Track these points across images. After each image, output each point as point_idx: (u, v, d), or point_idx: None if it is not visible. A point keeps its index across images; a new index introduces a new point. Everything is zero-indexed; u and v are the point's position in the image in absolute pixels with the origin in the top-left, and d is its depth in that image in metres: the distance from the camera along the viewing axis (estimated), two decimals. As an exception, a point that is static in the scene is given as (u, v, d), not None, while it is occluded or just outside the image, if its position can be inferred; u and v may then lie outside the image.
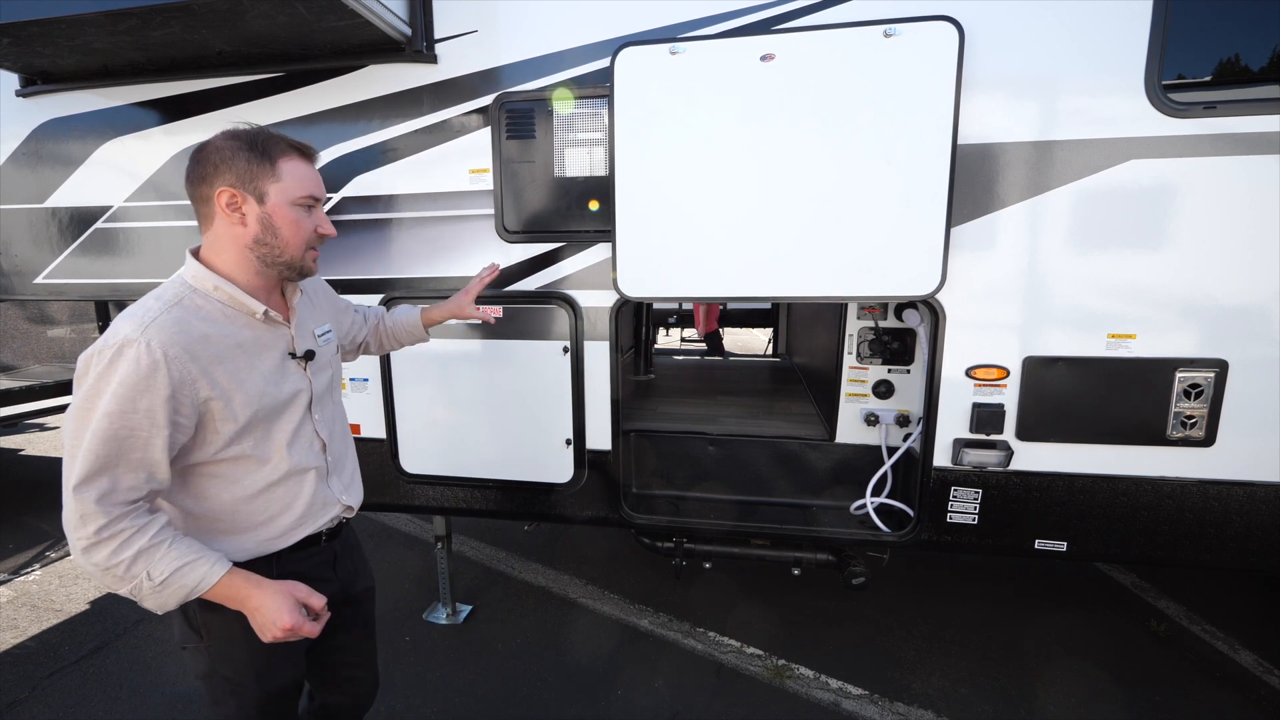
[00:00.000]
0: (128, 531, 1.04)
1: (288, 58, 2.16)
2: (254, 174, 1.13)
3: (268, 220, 1.15)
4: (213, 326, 1.13)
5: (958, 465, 2.03)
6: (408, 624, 2.84)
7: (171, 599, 1.08)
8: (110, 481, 1.03)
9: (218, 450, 1.14)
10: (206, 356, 1.10)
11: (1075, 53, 1.76)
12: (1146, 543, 2.02)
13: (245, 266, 1.18)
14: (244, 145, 1.14)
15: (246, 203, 1.14)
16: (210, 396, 1.10)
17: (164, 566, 1.05)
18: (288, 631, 1.13)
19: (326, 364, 1.36)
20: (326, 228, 1.25)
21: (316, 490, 1.30)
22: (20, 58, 2.14)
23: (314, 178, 1.22)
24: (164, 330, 1.05)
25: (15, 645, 2.71)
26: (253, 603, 1.13)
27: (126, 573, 1.04)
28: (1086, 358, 1.90)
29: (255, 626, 1.15)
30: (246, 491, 1.19)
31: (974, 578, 3.18)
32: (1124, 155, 1.78)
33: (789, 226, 1.90)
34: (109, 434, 1.02)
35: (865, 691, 2.41)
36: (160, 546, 1.06)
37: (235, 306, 1.17)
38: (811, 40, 1.80)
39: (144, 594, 1.06)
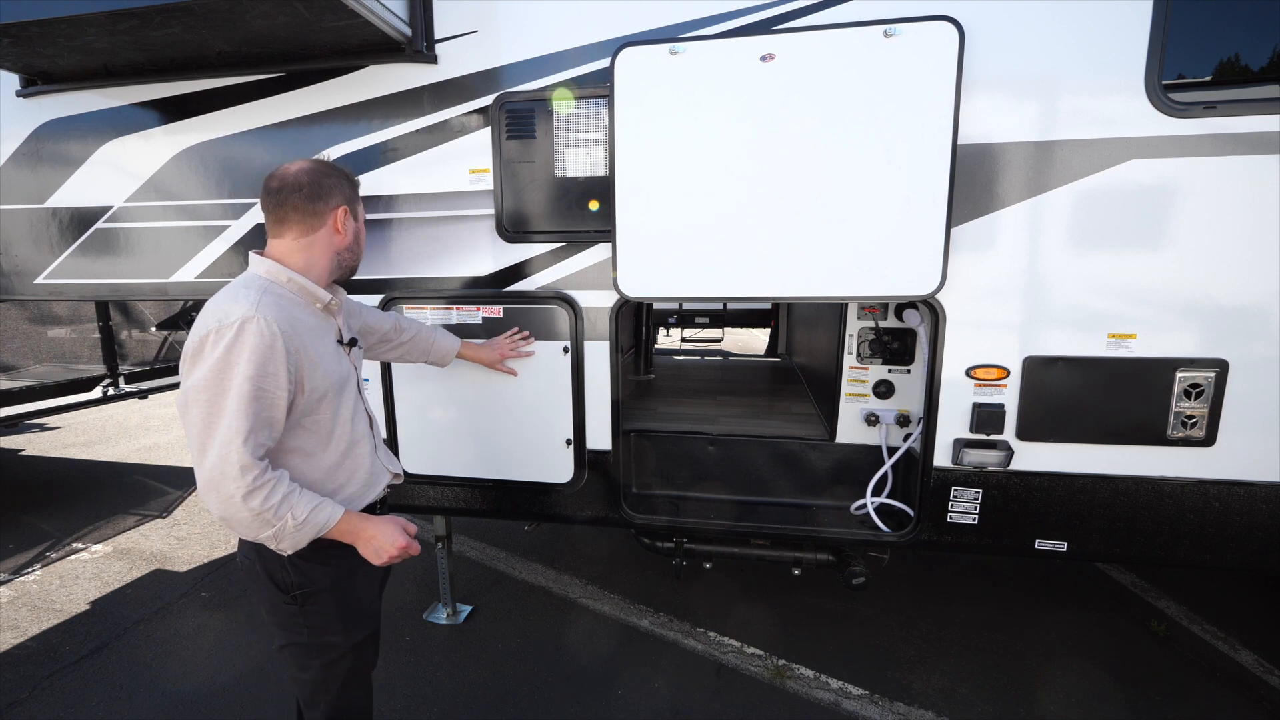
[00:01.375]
0: (273, 481, 1.22)
1: (288, 58, 2.16)
2: (353, 196, 1.46)
3: (358, 234, 1.48)
4: (295, 311, 1.33)
5: (958, 465, 2.03)
6: (408, 624, 2.84)
7: (306, 536, 1.27)
8: (257, 437, 1.21)
9: (301, 416, 1.32)
10: (299, 333, 1.30)
11: (1075, 53, 1.76)
12: (1147, 543, 2.02)
13: (324, 267, 1.42)
14: (344, 176, 1.44)
15: (348, 219, 1.43)
16: (303, 366, 1.29)
17: (302, 509, 1.25)
18: (402, 549, 1.38)
19: (360, 356, 1.60)
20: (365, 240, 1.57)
21: (372, 462, 1.50)
22: (21, 58, 2.14)
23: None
24: (271, 309, 1.25)
25: (15, 645, 2.71)
26: (369, 531, 1.35)
27: (275, 514, 1.22)
28: (1087, 358, 1.90)
29: (371, 553, 1.36)
30: (323, 464, 1.38)
31: (974, 578, 3.18)
32: (1124, 155, 1.78)
33: (789, 226, 1.90)
34: (253, 395, 1.20)
35: (865, 691, 2.41)
36: (295, 492, 1.26)
37: (304, 297, 1.38)
38: (812, 40, 1.80)
39: (285, 533, 1.24)
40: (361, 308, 1.82)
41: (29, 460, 5.17)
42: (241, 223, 2.33)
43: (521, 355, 2.19)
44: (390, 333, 1.90)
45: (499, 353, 2.16)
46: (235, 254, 2.36)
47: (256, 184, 2.30)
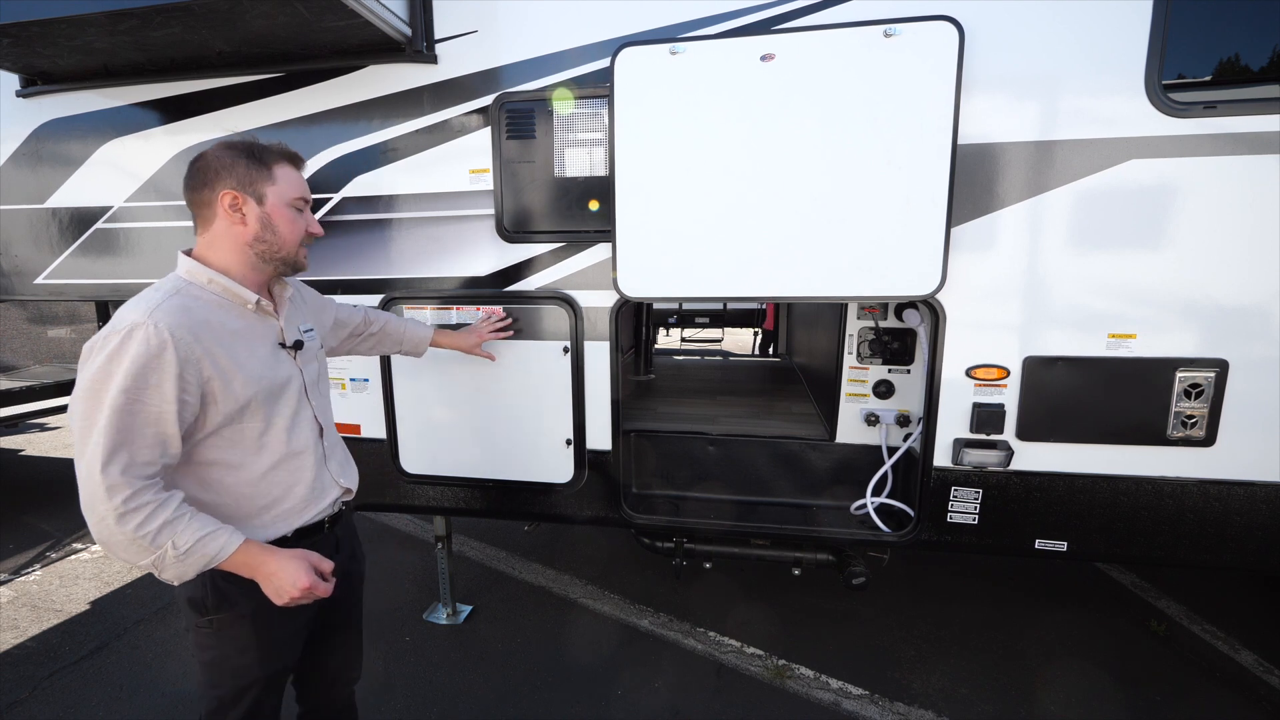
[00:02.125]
0: (152, 505, 1.11)
1: (288, 58, 2.16)
2: (253, 178, 1.26)
3: (267, 219, 1.28)
4: (210, 314, 1.23)
5: (958, 465, 2.03)
6: (408, 624, 2.84)
7: (192, 568, 1.15)
8: (130, 455, 1.10)
9: (218, 427, 1.22)
10: (208, 339, 1.19)
11: (1075, 52, 1.76)
12: (1147, 543, 2.01)
13: (242, 262, 1.29)
14: (243, 154, 1.26)
15: (247, 204, 1.26)
16: (212, 376, 1.18)
17: (187, 537, 1.13)
18: (305, 591, 1.22)
19: (313, 357, 1.47)
20: (315, 228, 1.38)
21: (316, 474, 1.39)
22: (21, 58, 2.14)
23: (303, 182, 1.36)
24: (169, 314, 1.15)
25: (15, 645, 2.71)
26: (269, 568, 1.21)
27: (153, 543, 1.10)
28: (1087, 358, 1.90)
29: (272, 591, 1.22)
30: (250, 476, 1.27)
31: (974, 577, 3.18)
32: (1124, 155, 1.78)
33: (789, 226, 1.90)
34: (126, 409, 1.09)
35: (865, 691, 2.41)
36: (183, 519, 1.14)
37: (229, 297, 1.27)
38: (811, 40, 1.80)
39: (166, 563, 1.13)
40: (328, 303, 1.73)
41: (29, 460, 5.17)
42: (241, 223, 2.33)
43: (501, 336, 2.16)
44: (360, 325, 1.85)
45: (477, 336, 2.12)
46: (235, 254, 2.36)
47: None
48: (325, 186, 2.25)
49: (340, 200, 2.25)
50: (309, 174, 2.24)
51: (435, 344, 2.07)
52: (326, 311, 1.70)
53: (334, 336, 1.76)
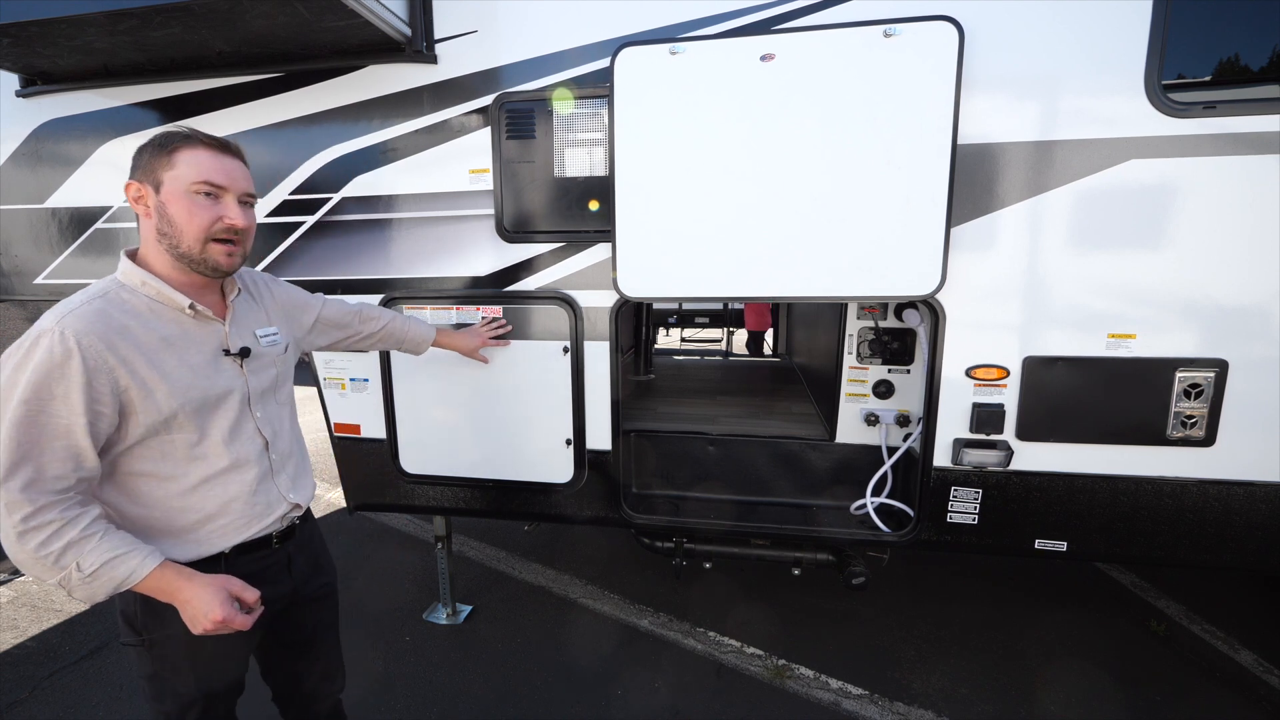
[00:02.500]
0: (57, 523, 1.04)
1: (288, 58, 2.16)
2: (153, 165, 1.16)
3: (162, 208, 1.15)
4: (136, 320, 1.14)
5: (958, 465, 2.03)
6: (408, 624, 2.84)
7: (100, 591, 1.09)
8: (34, 470, 1.04)
9: (140, 439, 1.14)
10: (125, 347, 1.11)
11: (1075, 52, 1.76)
12: (1146, 542, 2.02)
13: (164, 260, 1.19)
14: (151, 141, 1.17)
15: (146, 193, 1.16)
16: (129, 386, 1.11)
17: (94, 559, 1.06)
18: (218, 624, 1.13)
19: (268, 364, 1.36)
20: (233, 217, 1.19)
21: (259, 490, 1.30)
22: (20, 58, 2.14)
23: (217, 166, 1.18)
24: (81, 320, 1.08)
25: (15, 645, 2.71)
26: (183, 595, 1.13)
27: (56, 563, 1.05)
28: (1087, 358, 1.90)
29: (186, 619, 1.14)
30: (180, 488, 1.20)
31: (974, 577, 3.18)
32: (1124, 155, 1.78)
33: (789, 226, 1.90)
34: (27, 421, 1.03)
35: (865, 691, 2.41)
36: (91, 539, 1.07)
37: (162, 301, 1.19)
38: (811, 40, 1.80)
39: (73, 585, 1.07)
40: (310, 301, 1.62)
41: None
42: (241, 223, 2.33)
43: (500, 344, 2.19)
44: (355, 323, 1.77)
45: (479, 339, 2.14)
46: (235, 254, 2.36)
47: (256, 184, 2.29)
48: (325, 186, 2.25)
49: (340, 200, 2.25)
50: (309, 174, 2.24)
51: (437, 344, 2.07)
52: (307, 311, 1.59)
53: (322, 336, 1.67)
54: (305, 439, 1.53)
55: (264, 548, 1.34)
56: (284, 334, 1.44)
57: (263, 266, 2.35)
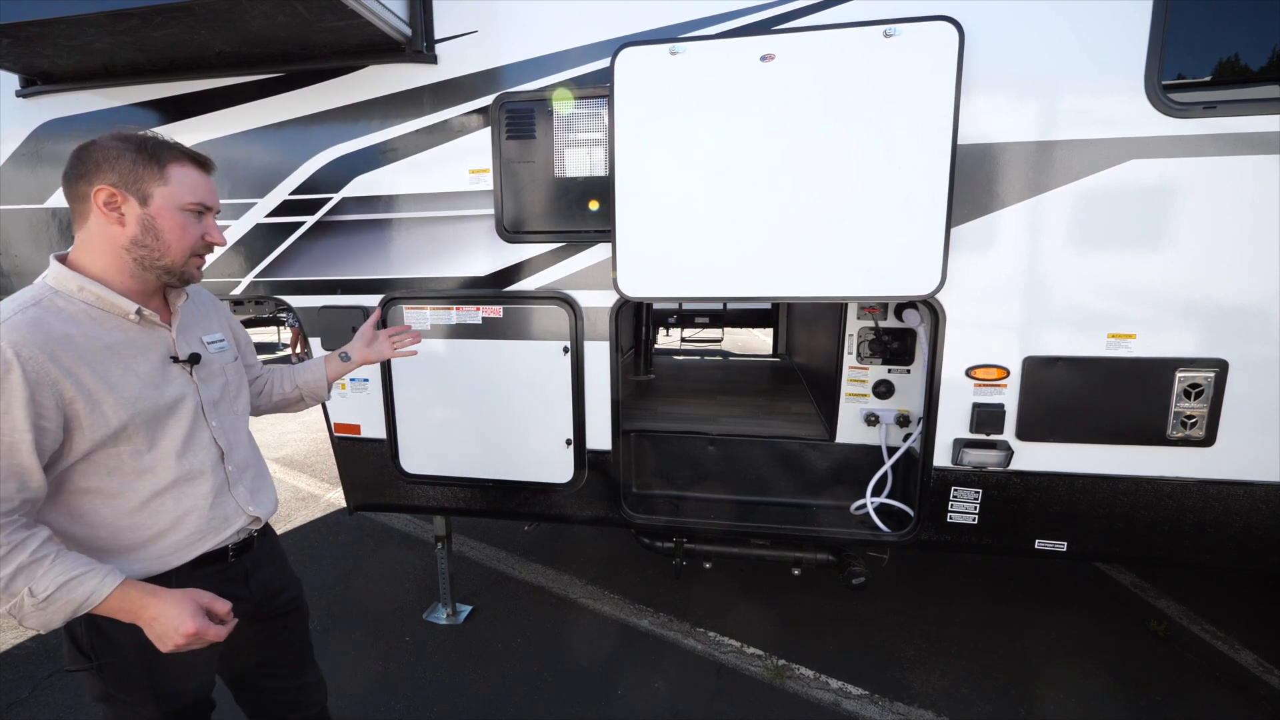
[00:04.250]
0: (3, 547, 0.97)
1: (288, 58, 2.16)
2: (139, 175, 1.11)
3: (150, 222, 1.12)
4: (76, 327, 1.08)
5: (958, 465, 2.03)
6: (408, 624, 2.84)
7: (57, 616, 1.02)
8: None
9: (87, 453, 1.08)
10: (68, 357, 1.04)
11: (1075, 53, 1.76)
12: (1146, 542, 2.02)
13: (118, 268, 1.14)
14: (132, 147, 1.11)
15: (127, 203, 1.11)
16: (75, 398, 1.04)
17: (47, 582, 0.99)
18: (191, 637, 1.06)
19: (218, 372, 1.30)
20: (215, 236, 1.21)
21: (215, 503, 1.24)
22: (20, 58, 2.14)
23: (206, 186, 1.20)
24: (17, 330, 1.01)
25: (15, 645, 2.71)
26: (150, 612, 1.06)
27: (4, 590, 0.98)
28: (1087, 358, 1.90)
29: (154, 637, 1.07)
30: (129, 505, 1.13)
31: (974, 578, 3.18)
32: (1124, 155, 1.79)
33: (789, 226, 1.91)
34: None
35: (865, 691, 2.41)
36: (43, 561, 1.00)
37: (104, 307, 1.12)
38: (811, 40, 1.81)
39: (25, 612, 1.00)
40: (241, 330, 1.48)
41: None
42: (241, 223, 2.33)
43: (404, 354, 1.72)
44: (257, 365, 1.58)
45: (385, 350, 1.67)
46: (234, 254, 2.36)
47: (256, 184, 2.30)
48: (325, 186, 2.25)
49: (340, 200, 2.25)
50: (309, 174, 2.24)
51: (336, 375, 1.64)
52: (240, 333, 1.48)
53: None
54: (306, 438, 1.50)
55: (219, 561, 1.27)
56: (230, 344, 1.38)
57: (263, 266, 2.35)
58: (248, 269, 2.36)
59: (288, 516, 3.98)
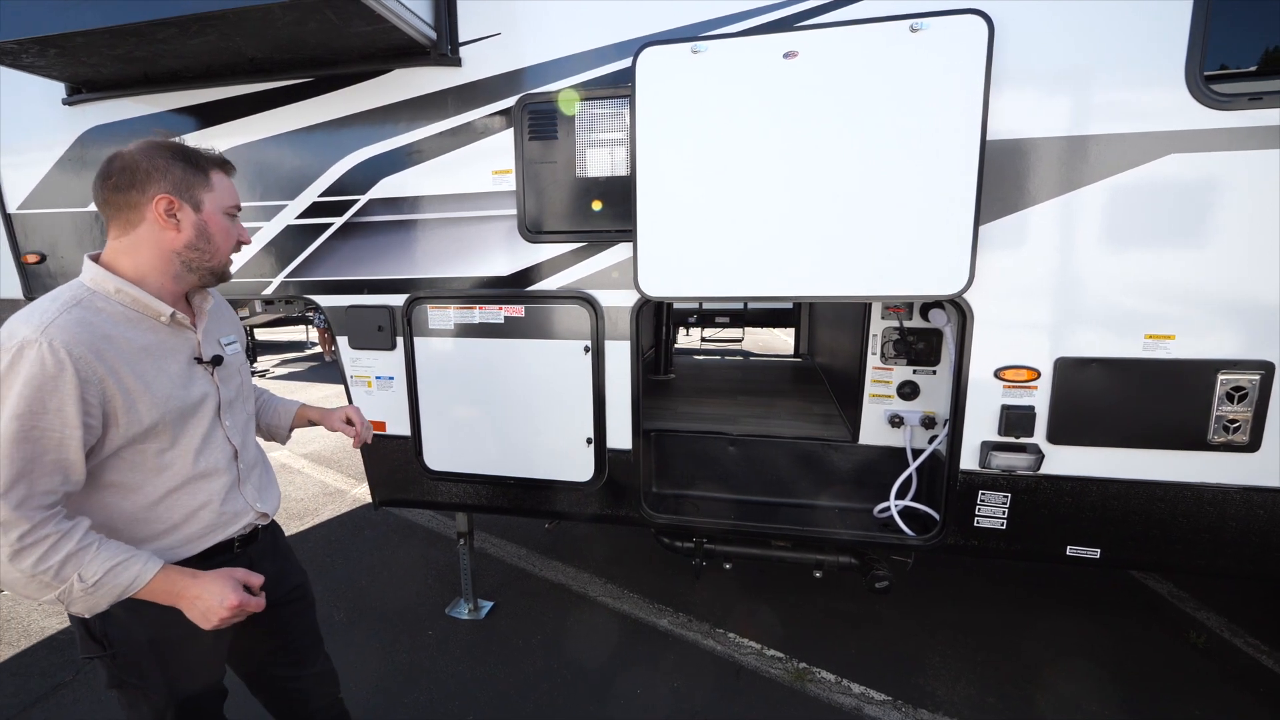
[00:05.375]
0: (53, 537, 1.02)
1: (317, 63, 2.21)
2: (191, 183, 1.17)
3: (203, 227, 1.19)
4: (115, 328, 1.12)
5: (985, 468, 1.99)
6: (431, 618, 2.88)
7: (104, 600, 1.07)
8: (28, 486, 1.01)
9: (117, 449, 1.12)
10: (111, 356, 1.08)
11: (1111, 44, 1.71)
12: (1185, 551, 1.95)
13: (164, 271, 1.18)
14: (178, 156, 1.16)
15: (183, 210, 1.16)
16: (114, 395, 1.08)
17: (95, 568, 1.04)
18: (235, 609, 1.13)
19: (234, 372, 1.36)
20: (245, 236, 1.30)
21: (227, 499, 1.28)
22: (66, 67, 2.23)
23: (235, 190, 1.28)
24: (65, 330, 1.04)
25: (60, 630, 2.83)
26: (192, 592, 1.12)
27: (55, 577, 1.02)
28: (1122, 359, 1.84)
29: (197, 615, 1.13)
30: (147, 499, 1.17)
31: (1002, 584, 3.11)
32: (1163, 149, 1.72)
33: (812, 225, 1.89)
34: (21, 436, 1.00)
35: (888, 697, 2.37)
36: (90, 549, 1.05)
37: (139, 309, 1.16)
38: (835, 36, 1.78)
39: (74, 597, 1.05)
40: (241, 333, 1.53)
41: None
42: (272, 225, 2.39)
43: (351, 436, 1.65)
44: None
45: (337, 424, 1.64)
46: (266, 255, 2.42)
47: (287, 186, 2.36)
48: (353, 189, 2.29)
49: (367, 202, 2.29)
50: (337, 176, 2.30)
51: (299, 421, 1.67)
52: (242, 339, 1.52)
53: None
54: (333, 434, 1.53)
55: (224, 553, 1.31)
56: (240, 346, 1.43)
57: (293, 267, 2.41)
58: (279, 269, 2.43)
59: (315, 511, 4.08)
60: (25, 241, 2.70)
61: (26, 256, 2.70)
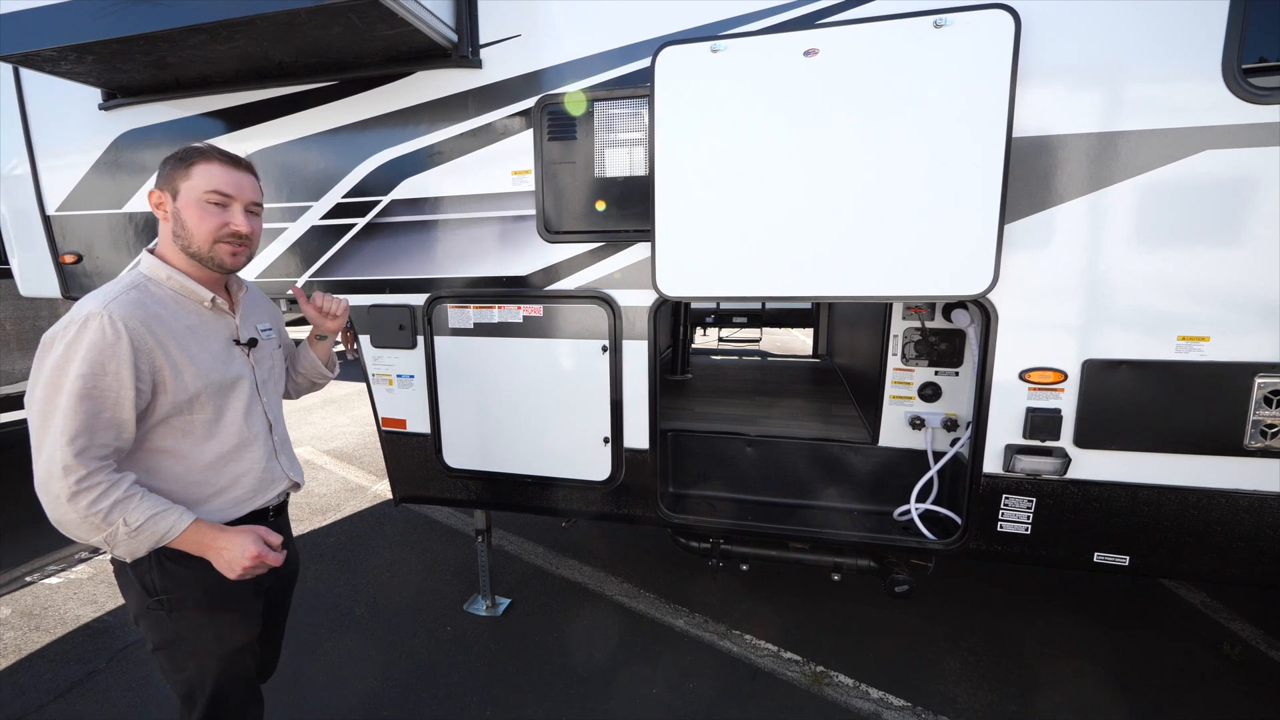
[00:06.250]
0: (104, 484, 1.17)
1: (341, 66, 2.25)
2: (172, 176, 1.31)
3: (178, 213, 1.31)
4: (165, 309, 1.29)
5: (1009, 472, 1.95)
6: (449, 614, 2.92)
7: (143, 545, 1.22)
8: (88, 438, 1.16)
9: (165, 416, 1.27)
10: (160, 332, 1.25)
11: (1144, 37, 1.66)
12: (1220, 560, 1.89)
13: (182, 260, 1.34)
14: (173, 155, 1.32)
15: (165, 199, 1.31)
16: (162, 365, 1.25)
17: (138, 515, 1.19)
18: (255, 559, 1.28)
19: (267, 356, 1.52)
20: (238, 223, 1.33)
21: (266, 466, 1.45)
22: (103, 74, 2.30)
23: (229, 179, 1.32)
24: (124, 306, 1.21)
25: (94, 619, 2.92)
26: (219, 544, 1.27)
27: (104, 520, 1.17)
28: (1154, 361, 1.79)
29: (224, 565, 1.27)
30: (197, 464, 1.33)
31: (1024, 590, 3.04)
32: (1198, 145, 1.67)
33: (833, 224, 1.87)
34: (84, 394, 1.16)
35: (908, 703, 2.34)
36: (134, 498, 1.20)
37: (186, 294, 1.34)
38: (857, 34, 1.76)
39: (118, 540, 1.19)
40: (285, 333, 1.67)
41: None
42: (298, 225, 2.44)
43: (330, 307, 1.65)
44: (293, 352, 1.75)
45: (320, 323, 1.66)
46: (292, 255, 2.47)
47: (312, 188, 2.40)
48: (376, 190, 2.33)
49: (389, 203, 2.33)
50: (361, 178, 2.33)
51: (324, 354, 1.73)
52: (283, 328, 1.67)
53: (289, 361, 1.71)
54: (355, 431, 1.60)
55: (261, 519, 1.46)
56: (276, 334, 1.59)
57: (317, 267, 2.46)
58: (304, 269, 2.48)
59: (337, 506, 4.15)
60: (63, 242, 2.80)
61: (64, 257, 2.80)
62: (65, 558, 3.51)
